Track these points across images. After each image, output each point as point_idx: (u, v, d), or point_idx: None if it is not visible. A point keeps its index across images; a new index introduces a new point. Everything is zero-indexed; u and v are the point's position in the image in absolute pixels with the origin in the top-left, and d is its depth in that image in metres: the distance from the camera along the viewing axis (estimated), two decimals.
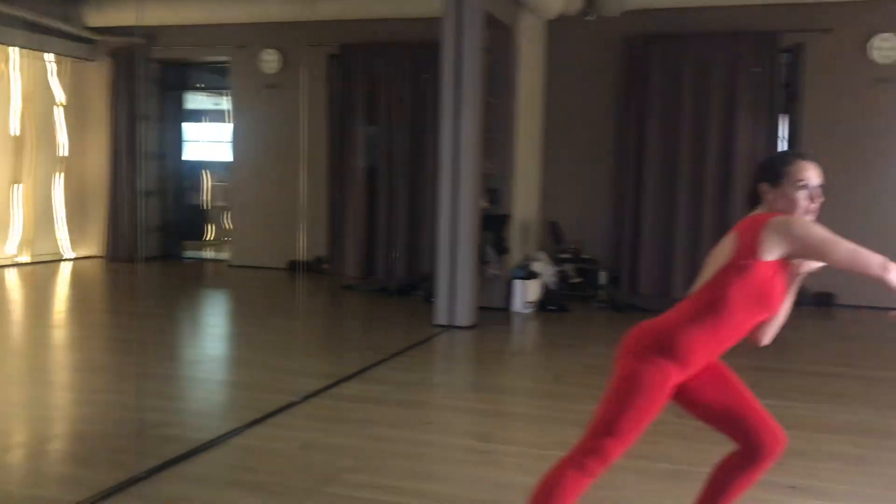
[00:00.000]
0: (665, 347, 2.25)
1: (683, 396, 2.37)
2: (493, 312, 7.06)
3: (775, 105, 7.99)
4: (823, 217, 2.32)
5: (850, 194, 7.86)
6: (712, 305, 2.24)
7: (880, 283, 2.04)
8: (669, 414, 2.39)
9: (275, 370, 5.02)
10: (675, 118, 8.14)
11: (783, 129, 8.29)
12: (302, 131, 4.43)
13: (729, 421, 2.40)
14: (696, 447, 3.37)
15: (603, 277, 8.12)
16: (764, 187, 2.30)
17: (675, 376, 2.26)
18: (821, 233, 2.18)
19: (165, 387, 4.60)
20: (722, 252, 2.30)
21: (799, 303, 2.44)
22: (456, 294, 6.39)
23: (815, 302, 7.81)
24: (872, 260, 2.11)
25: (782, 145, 8.26)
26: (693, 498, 2.55)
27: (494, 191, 7.25)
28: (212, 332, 6.88)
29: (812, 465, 3.41)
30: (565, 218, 8.49)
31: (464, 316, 6.40)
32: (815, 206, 2.27)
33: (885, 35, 7.70)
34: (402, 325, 6.82)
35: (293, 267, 8.90)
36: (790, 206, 2.25)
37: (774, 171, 2.29)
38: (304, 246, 5.00)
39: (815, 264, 2.32)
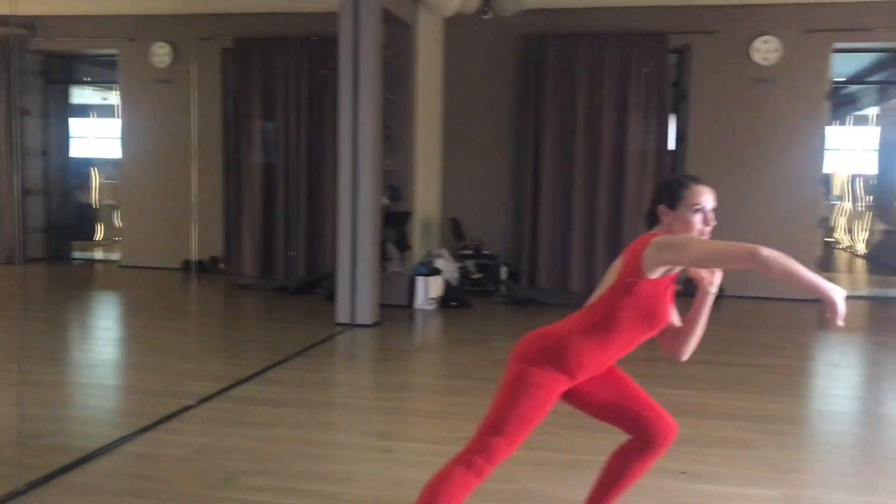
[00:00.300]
0: (555, 358, 2.31)
1: (574, 398, 2.44)
2: (396, 310, 7.05)
3: (665, 104, 8.27)
4: (725, 219, 2.41)
5: (733, 191, 8.22)
6: (602, 322, 2.31)
7: (761, 271, 2.09)
8: (564, 405, 2.43)
9: (168, 373, 4.86)
10: (570, 116, 8.32)
11: (673, 128, 8.60)
12: (193, 127, 4.30)
13: (621, 416, 2.47)
14: (591, 437, 3.45)
15: (503, 273, 8.23)
16: (662, 209, 2.38)
17: (563, 385, 2.33)
18: (695, 243, 2.23)
19: (50, 394, 4.38)
20: (614, 270, 2.37)
21: (687, 293, 2.53)
22: (357, 292, 6.34)
23: None
24: (741, 249, 2.13)
25: (672, 144, 8.56)
26: (589, 487, 2.61)
27: (395, 188, 7.23)
28: (101, 335, 6.60)
29: (700, 451, 3.55)
30: (466, 214, 8.55)
31: (365, 314, 6.35)
32: (708, 228, 2.36)
33: (766, 38, 8.08)
34: (302, 324, 6.73)
35: (188, 267, 8.64)
36: (686, 229, 2.33)
37: (672, 194, 2.36)
38: (196, 245, 4.85)
39: (717, 279, 2.38)
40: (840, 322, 2.08)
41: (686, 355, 2.45)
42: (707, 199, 2.36)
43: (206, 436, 3.70)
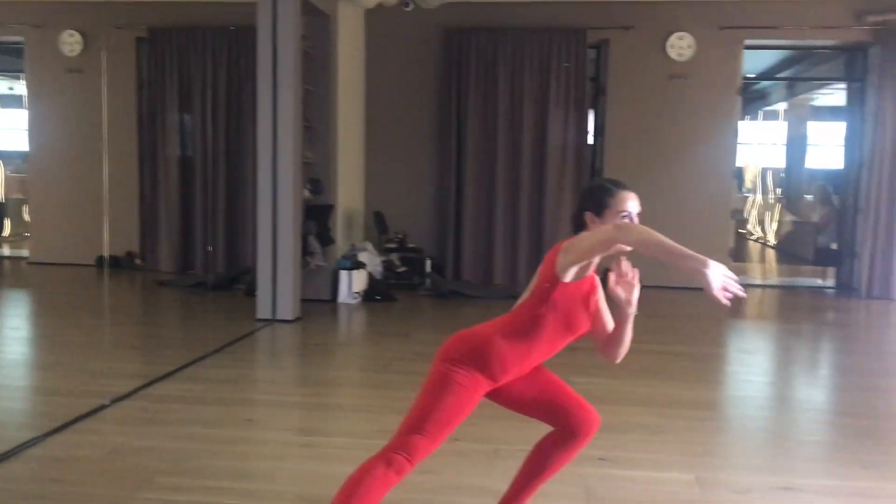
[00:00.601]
0: (478, 361, 2.32)
1: (497, 396, 2.46)
2: (319, 304, 6.98)
3: (584, 99, 8.40)
4: (642, 211, 2.44)
5: (649, 184, 8.41)
6: (523, 329, 2.33)
7: (623, 244, 2.18)
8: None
9: (81, 373, 4.69)
10: (492, 110, 8.39)
11: (591, 123, 8.75)
12: (104, 119, 4.16)
13: (545, 411, 2.51)
14: (511, 427, 3.48)
15: (428, 266, 8.24)
16: (589, 216, 2.39)
17: (486, 387, 2.35)
18: (584, 236, 2.28)
19: None
20: (537, 275, 2.39)
21: (607, 284, 2.56)
22: (278, 287, 6.24)
23: None
24: (603, 233, 2.22)
25: (591, 138, 8.70)
26: (510, 476, 2.64)
27: (317, 181, 7.14)
28: (9, 334, 6.33)
29: (618, 437, 3.62)
30: (390, 207, 8.53)
31: (287, 309, 6.27)
32: None
33: (681, 34, 8.29)
34: (221, 320, 6.60)
35: (101, 263, 8.36)
36: None
37: (597, 201, 2.38)
38: (108, 240, 4.70)
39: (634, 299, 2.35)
40: (722, 298, 2.07)
41: (618, 359, 2.47)
42: (632, 205, 2.38)
43: (121, 436, 3.59)
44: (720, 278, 2.06)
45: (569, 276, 2.28)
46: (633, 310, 2.36)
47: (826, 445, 3.74)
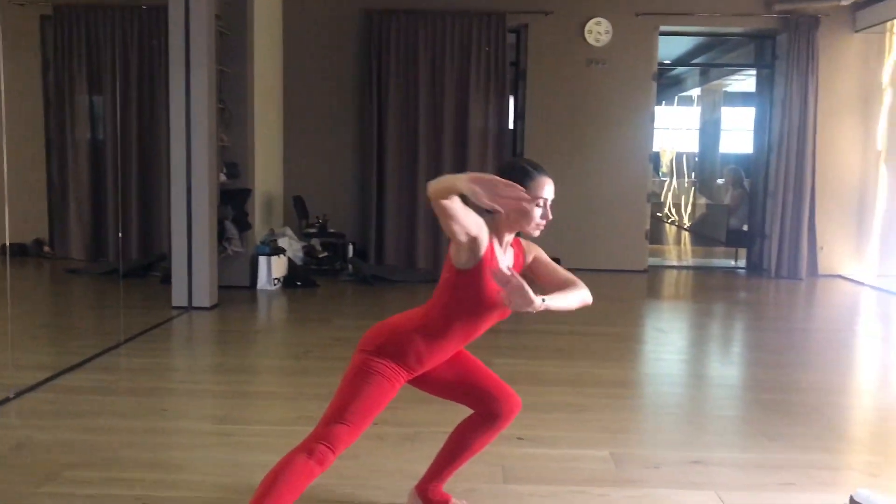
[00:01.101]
0: (395, 353, 2.31)
1: (419, 382, 2.45)
2: (237, 291, 6.86)
3: (504, 83, 8.44)
4: (561, 195, 2.43)
5: (568, 168, 8.54)
6: (436, 320, 2.32)
7: (435, 204, 2.07)
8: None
9: None
10: (413, 94, 8.35)
11: (512, 107, 8.80)
12: (1, 101, 3.97)
13: (466, 395, 2.52)
14: (433, 410, 3.49)
15: (350, 251, 8.18)
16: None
17: (404, 376, 2.34)
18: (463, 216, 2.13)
19: None
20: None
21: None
22: (194, 273, 6.11)
23: None
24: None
25: (511, 123, 8.76)
26: (430, 459, 2.65)
27: (233, 164, 6.99)
28: None
29: (537, 417, 3.67)
30: (310, 192, 8.42)
31: (204, 296, 6.13)
32: (544, 223, 2.31)
33: (598, 19, 8.41)
34: (136, 308, 6.39)
35: (3, 251, 8.01)
36: (525, 220, 2.27)
37: (516, 183, 2.23)
38: (8, 226, 4.50)
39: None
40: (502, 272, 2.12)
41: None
42: (549, 191, 2.30)
43: (26, 429, 3.45)
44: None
45: (466, 263, 2.23)
46: (518, 307, 2.20)
47: (735, 420, 3.87)
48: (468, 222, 2.13)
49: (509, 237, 2.36)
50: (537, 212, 2.28)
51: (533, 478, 2.98)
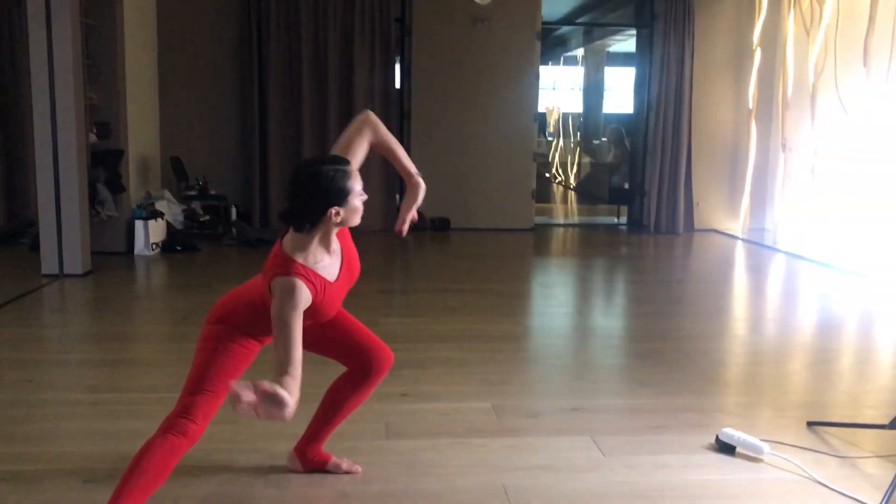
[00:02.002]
0: (238, 324, 2.26)
1: None
2: (113, 257, 6.57)
3: (390, 40, 8.33)
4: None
5: (455, 127, 8.54)
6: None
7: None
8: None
9: None
10: (296, 50, 8.13)
11: (398, 66, 8.70)
12: None
13: (337, 350, 2.48)
14: (314, 371, 3.42)
15: (233, 214, 7.95)
16: (334, 210, 2.09)
17: (254, 344, 2.29)
18: (285, 319, 2.03)
19: None
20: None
21: (419, 228, 2.53)
22: (64, 239, 5.79)
23: (434, 226, 8.44)
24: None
25: (399, 83, 8.67)
26: (308, 419, 2.61)
27: (104, 124, 6.63)
28: None
29: (421, 373, 3.69)
30: (189, 152, 8.11)
31: (75, 263, 5.84)
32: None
33: None
34: (2, 277, 6.04)
35: None
36: (354, 216, 2.17)
37: (341, 191, 2.09)
38: None
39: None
40: None
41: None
42: (359, 179, 2.18)
43: None
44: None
45: None
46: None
47: (612, 368, 3.99)
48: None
49: (331, 239, 2.21)
50: (360, 203, 2.17)
51: (415, 432, 2.99)
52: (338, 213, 2.11)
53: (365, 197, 2.19)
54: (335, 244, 2.25)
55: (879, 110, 6.74)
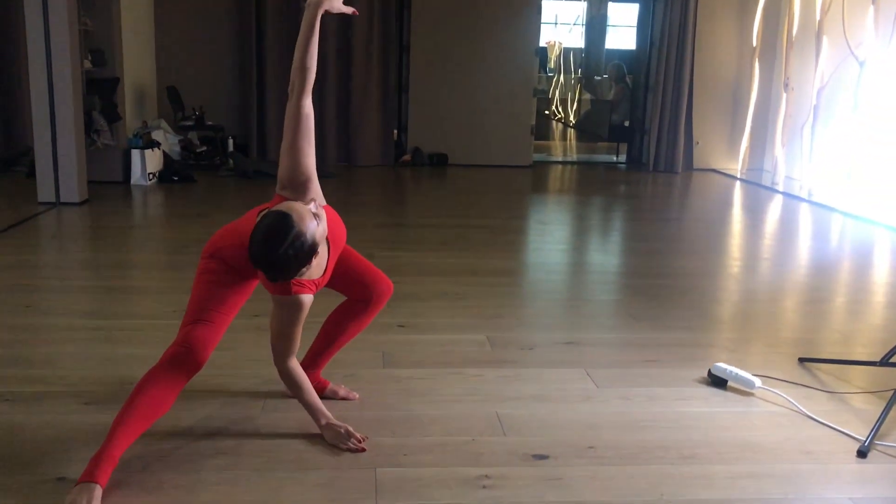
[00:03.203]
0: (232, 264, 2.26)
1: None
2: (110, 186, 6.55)
3: None
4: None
5: (455, 63, 8.43)
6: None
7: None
8: None
9: None
10: None
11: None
12: None
13: (337, 281, 2.50)
14: (314, 301, 3.47)
15: (230, 145, 7.89)
16: (304, 271, 2.08)
17: (250, 279, 2.31)
18: (288, 332, 2.22)
19: None
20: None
21: (418, 163, 2.51)
22: (60, 167, 5.77)
23: (431, 162, 8.39)
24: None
25: (397, 13, 8.51)
26: (308, 345, 2.63)
27: (99, 51, 6.54)
28: None
29: (418, 305, 3.72)
30: (186, 82, 8.02)
31: (72, 191, 5.83)
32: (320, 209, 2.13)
33: None
34: None
35: None
36: (326, 233, 2.16)
37: (310, 257, 2.04)
38: None
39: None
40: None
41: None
42: (310, 206, 2.11)
43: None
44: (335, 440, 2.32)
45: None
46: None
47: (608, 303, 4.02)
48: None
49: (323, 223, 2.14)
50: (319, 221, 2.08)
51: (411, 362, 3.03)
52: (308, 266, 2.06)
53: (320, 213, 2.11)
54: (322, 223, 2.14)
55: (888, 50, 6.66)
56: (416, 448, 2.33)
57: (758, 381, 2.84)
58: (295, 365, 2.30)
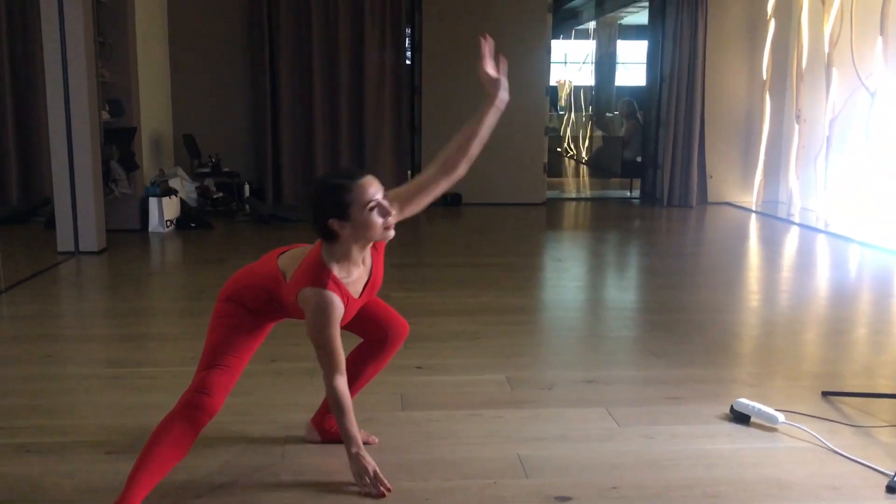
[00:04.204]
0: (249, 306, 2.29)
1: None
2: (128, 234, 6.62)
3: (400, 15, 8.28)
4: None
5: (466, 101, 8.49)
6: (291, 286, 2.22)
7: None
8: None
9: None
10: (306, 25, 8.10)
11: (408, 41, 8.66)
12: None
13: (354, 323, 2.49)
14: None
15: (246, 190, 7.97)
16: (335, 224, 2.12)
17: (265, 323, 2.34)
18: (325, 340, 2.18)
19: None
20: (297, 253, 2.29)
21: (432, 203, 2.53)
22: (79, 216, 5.84)
23: (446, 201, 8.44)
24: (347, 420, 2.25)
25: (409, 55, 8.63)
26: (322, 391, 2.62)
27: (116, 101, 6.65)
28: None
29: (436, 346, 3.71)
30: (202, 129, 8.13)
31: (91, 240, 5.89)
32: (391, 219, 2.18)
33: None
34: (19, 254, 6.08)
35: None
36: (369, 231, 2.15)
37: (338, 204, 2.10)
38: None
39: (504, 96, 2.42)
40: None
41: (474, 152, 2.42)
42: (375, 190, 2.14)
43: None
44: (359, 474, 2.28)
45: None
46: (502, 104, 2.40)
47: (626, 340, 4.00)
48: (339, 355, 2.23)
49: (361, 254, 2.23)
50: (376, 217, 2.14)
51: (430, 403, 3.02)
52: (342, 226, 2.12)
53: (385, 212, 2.16)
54: (368, 258, 2.28)
55: None
56: (437, 492, 2.31)
57: (781, 417, 2.80)
58: (341, 385, 2.22)
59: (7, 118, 7.61)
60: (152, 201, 6.82)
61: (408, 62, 8.62)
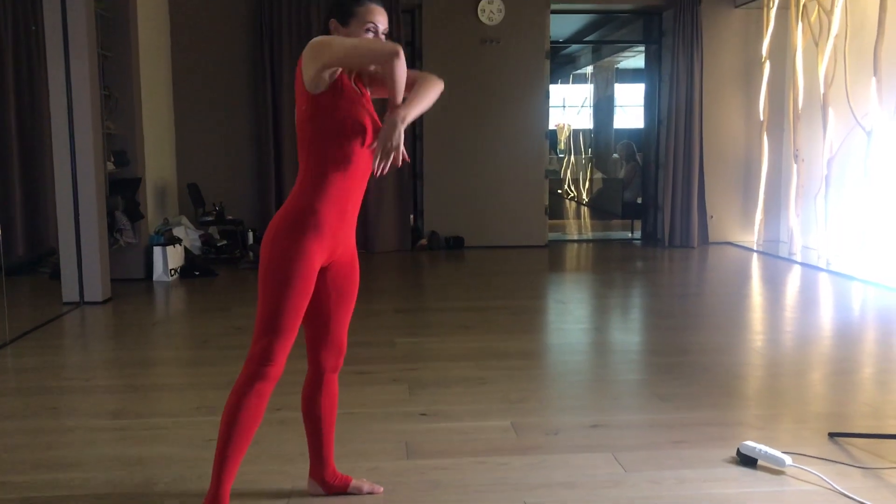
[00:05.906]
0: (298, 222, 2.22)
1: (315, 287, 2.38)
2: (132, 284, 6.64)
3: None
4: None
5: (468, 147, 8.60)
6: (311, 172, 2.25)
7: (388, 73, 2.16)
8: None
9: None
10: None
11: None
12: None
13: (314, 321, 2.43)
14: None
15: (250, 238, 8.02)
16: (333, 24, 2.27)
17: (317, 249, 2.24)
18: (340, 39, 2.18)
19: None
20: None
21: (434, 247, 2.54)
22: (84, 267, 5.87)
23: (448, 245, 8.47)
24: (385, 47, 2.16)
25: None
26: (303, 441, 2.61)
27: (121, 152, 6.73)
28: None
29: (441, 392, 3.71)
30: (205, 178, 8.21)
31: (96, 290, 5.91)
32: None
33: None
34: (23, 306, 6.11)
35: None
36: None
37: (344, 9, 2.26)
38: None
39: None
40: (377, 165, 2.18)
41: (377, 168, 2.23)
42: (380, 19, 2.27)
43: None
44: (389, 143, 2.17)
45: (321, 87, 2.21)
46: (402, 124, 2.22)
47: (631, 383, 3.99)
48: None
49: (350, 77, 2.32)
50: (369, 37, 2.24)
51: (435, 451, 3.01)
52: (337, 29, 2.25)
53: (375, 37, 2.24)
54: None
55: (891, 119, 6.74)
56: None
57: (788, 459, 2.79)
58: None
59: (13, 169, 7.69)
60: (157, 250, 6.86)
61: None
